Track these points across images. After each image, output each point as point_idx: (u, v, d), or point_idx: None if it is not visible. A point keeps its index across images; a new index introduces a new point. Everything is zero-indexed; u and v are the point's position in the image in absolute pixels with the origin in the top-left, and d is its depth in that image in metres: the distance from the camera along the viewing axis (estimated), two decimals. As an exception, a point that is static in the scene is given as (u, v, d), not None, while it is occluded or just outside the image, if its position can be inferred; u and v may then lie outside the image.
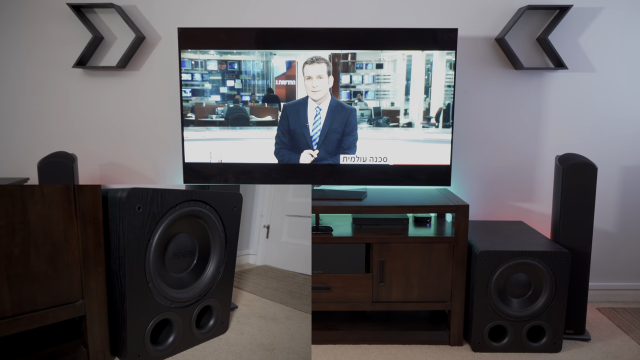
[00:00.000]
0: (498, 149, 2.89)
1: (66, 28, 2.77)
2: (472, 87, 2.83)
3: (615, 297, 3.01)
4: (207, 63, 2.53)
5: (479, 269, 2.34)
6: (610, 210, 2.94)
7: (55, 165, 2.43)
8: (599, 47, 2.80)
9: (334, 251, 2.43)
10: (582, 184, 2.45)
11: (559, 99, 2.84)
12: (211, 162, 2.61)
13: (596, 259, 2.96)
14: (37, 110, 2.84)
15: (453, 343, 2.47)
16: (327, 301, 2.46)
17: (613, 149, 2.88)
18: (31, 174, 2.86)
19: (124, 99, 2.83)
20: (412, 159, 2.59)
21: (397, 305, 2.46)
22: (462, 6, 2.76)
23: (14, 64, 2.80)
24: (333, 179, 2.62)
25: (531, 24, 2.78)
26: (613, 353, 2.41)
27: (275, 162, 2.60)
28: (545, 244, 2.44)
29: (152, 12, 2.77)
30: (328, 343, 2.49)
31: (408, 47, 2.51)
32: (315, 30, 2.54)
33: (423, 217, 2.65)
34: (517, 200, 2.94)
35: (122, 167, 2.89)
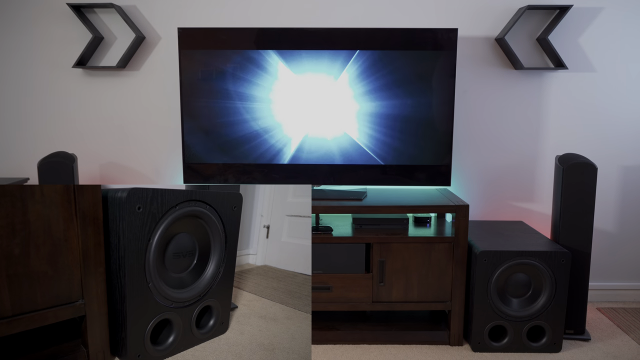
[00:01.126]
0: (498, 149, 2.89)
1: (66, 28, 2.77)
2: (472, 87, 2.83)
3: (615, 297, 3.01)
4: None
5: (479, 269, 2.34)
6: (610, 210, 2.94)
7: (55, 165, 2.43)
8: (599, 47, 2.80)
9: (334, 251, 2.43)
10: (582, 184, 2.45)
11: (559, 99, 2.84)
12: (211, 162, 2.61)
13: (596, 259, 2.96)
14: (37, 110, 2.84)
15: (453, 343, 2.47)
16: (327, 301, 2.46)
17: (613, 149, 2.88)
18: (31, 174, 2.86)
19: (124, 99, 2.83)
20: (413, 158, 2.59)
21: (397, 305, 2.46)
22: (461, 6, 2.76)
23: (14, 64, 2.80)
24: (333, 179, 2.62)
25: (531, 24, 2.78)
26: (613, 353, 2.41)
27: (275, 162, 2.60)
28: (545, 244, 2.44)
29: (152, 12, 2.77)
30: (328, 343, 2.49)
31: (408, 47, 2.51)
32: (315, 31, 2.54)
33: (423, 217, 2.65)
34: (517, 200, 2.94)
35: (122, 167, 2.90)
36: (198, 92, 2.57)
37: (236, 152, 2.61)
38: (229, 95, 2.57)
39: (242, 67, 2.55)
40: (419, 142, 2.58)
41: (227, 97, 2.57)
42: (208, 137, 2.60)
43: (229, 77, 2.56)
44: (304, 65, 2.53)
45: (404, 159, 2.59)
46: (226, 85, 2.56)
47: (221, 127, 2.59)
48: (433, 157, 2.59)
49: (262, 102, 2.56)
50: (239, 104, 2.57)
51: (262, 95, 2.56)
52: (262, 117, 2.58)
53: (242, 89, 2.56)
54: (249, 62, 2.54)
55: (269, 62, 2.53)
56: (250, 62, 2.54)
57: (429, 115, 2.56)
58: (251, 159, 2.61)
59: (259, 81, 2.55)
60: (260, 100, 2.56)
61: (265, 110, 2.57)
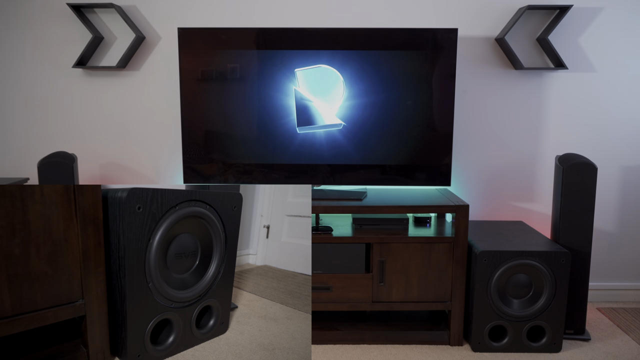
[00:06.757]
0: (498, 148, 2.89)
1: (66, 28, 2.77)
2: (472, 87, 2.83)
3: (615, 297, 3.01)
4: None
5: (479, 269, 2.34)
6: (610, 210, 2.94)
7: (55, 165, 2.43)
8: (599, 47, 2.80)
9: (334, 251, 2.43)
10: (582, 184, 2.45)
11: (559, 99, 2.84)
12: (211, 162, 2.61)
13: (596, 259, 2.96)
14: (37, 110, 2.84)
15: (453, 343, 2.47)
16: (327, 301, 2.46)
17: (613, 149, 2.88)
18: (31, 174, 2.86)
19: (124, 99, 2.83)
20: (413, 158, 2.59)
21: (397, 305, 2.46)
22: (461, 6, 2.76)
23: (14, 64, 2.80)
24: (333, 179, 2.62)
25: (531, 24, 2.78)
26: (613, 353, 2.41)
27: (275, 162, 2.60)
28: (545, 244, 2.44)
29: (152, 12, 2.77)
30: (328, 343, 2.49)
31: (408, 47, 2.51)
32: (315, 31, 2.53)
33: (423, 217, 2.65)
34: (517, 200, 2.94)
35: (122, 167, 2.90)
36: (198, 92, 2.57)
37: (236, 152, 2.61)
38: (229, 95, 2.57)
39: (242, 67, 2.55)
40: (419, 142, 2.58)
41: (227, 97, 2.57)
42: (208, 137, 2.60)
43: (228, 77, 2.56)
44: (303, 65, 2.53)
45: (404, 159, 2.59)
46: (226, 85, 2.56)
47: (221, 127, 2.59)
48: (433, 157, 2.59)
49: (262, 102, 2.56)
50: (239, 104, 2.57)
51: (262, 95, 2.56)
52: (262, 117, 2.57)
53: (242, 89, 2.56)
54: (249, 62, 2.54)
55: (269, 62, 2.53)
56: (250, 62, 2.54)
57: (429, 115, 2.56)
58: (251, 159, 2.61)
59: (259, 81, 2.55)
60: (260, 100, 2.56)
61: (265, 110, 2.57)
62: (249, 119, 2.58)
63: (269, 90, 2.55)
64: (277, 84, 2.54)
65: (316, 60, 2.53)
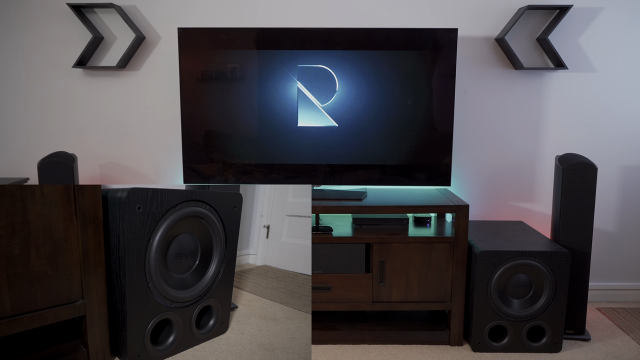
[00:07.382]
0: (498, 148, 2.89)
1: (66, 28, 2.77)
2: (472, 87, 2.83)
3: (615, 297, 3.01)
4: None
5: (479, 269, 2.34)
6: (610, 210, 2.94)
7: (55, 165, 2.43)
8: (599, 47, 2.80)
9: (334, 251, 2.43)
10: (582, 184, 2.45)
11: (559, 99, 2.84)
12: (211, 162, 2.61)
13: (596, 259, 2.96)
14: (37, 110, 2.84)
15: (453, 343, 2.47)
16: (327, 301, 2.46)
17: (613, 149, 2.88)
18: (31, 174, 2.86)
19: (124, 99, 2.83)
20: (413, 158, 2.59)
21: (397, 305, 2.46)
22: (461, 6, 2.76)
23: (14, 64, 2.80)
24: (333, 179, 2.62)
25: (531, 24, 2.78)
26: (613, 353, 2.41)
27: (275, 162, 2.60)
28: (545, 244, 2.44)
29: (152, 12, 2.77)
30: (328, 343, 2.49)
31: (408, 47, 2.52)
32: (315, 31, 2.54)
33: (423, 217, 2.65)
34: (517, 200, 2.94)
35: (122, 167, 2.90)
36: (198, 92, 2.57)
37: (236, 152, 2.61)
38: (228, 95, 2.57)
39: (242, 67, 2.55)
40: (419, 142, 2.58)
41: (227, 97, 2.57)
42: (208, 137, 2.60)
43: (228, 77, 2.56)
44: (303, 65, 2.53)
45: (404, 158, 2.59)
46: (226, 85, 2.56)
47: (221, 127, 2.59)
48: (433, 157, 2.59)
49: (262, 101, 2.56)
50: (239, 104, 2.57)
51: (262, 95, 2.56)
52: (261, 116, 2.58)
53: (242, 88, 2.56)
54: (249, 61, 2.54)
55: (269, 61, 2.53)
56: (250, 62, 2.54)
57: (429, 115, 2.56)
58: (251, 158, 2.61)
59: (259, 81, 2.55)
60: (260, 100, 2.56)
61: (265, 110, 2.57)
62: (248, 118, 2.58)
63: (268, 90, 2.55)
64: (277, 83, 2.54)
65: (316, 60, 2.53)
